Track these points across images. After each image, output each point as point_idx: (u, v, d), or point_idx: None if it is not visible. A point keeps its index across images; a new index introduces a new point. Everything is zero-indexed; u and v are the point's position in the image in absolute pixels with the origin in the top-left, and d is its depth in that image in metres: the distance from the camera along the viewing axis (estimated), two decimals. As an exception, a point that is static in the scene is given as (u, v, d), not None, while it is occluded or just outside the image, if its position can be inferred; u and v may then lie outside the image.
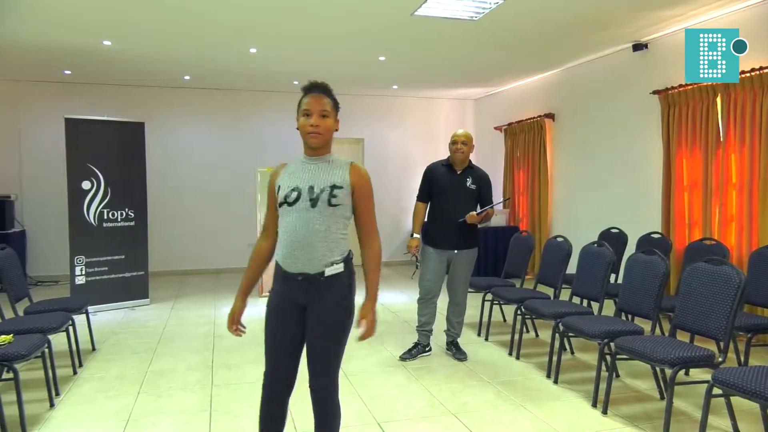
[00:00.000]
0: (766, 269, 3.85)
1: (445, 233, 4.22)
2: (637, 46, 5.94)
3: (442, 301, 4.46)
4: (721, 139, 5.00)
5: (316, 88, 2.20)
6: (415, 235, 4.29)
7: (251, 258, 2.34)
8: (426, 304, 4.34)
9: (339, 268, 2.22)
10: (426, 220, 4.37)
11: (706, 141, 5.13)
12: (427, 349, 4.42)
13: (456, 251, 4.24)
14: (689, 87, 5.24)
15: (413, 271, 4.73)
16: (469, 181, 4.25)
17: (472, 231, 4.27)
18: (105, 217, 6.09)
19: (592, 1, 4.71)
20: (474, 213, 4.13)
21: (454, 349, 4.41)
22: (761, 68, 4.48)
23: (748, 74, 4.61)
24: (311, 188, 2.15)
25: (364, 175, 2.22)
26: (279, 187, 2.19)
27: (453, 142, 4.24)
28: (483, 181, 4.31)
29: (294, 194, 2.15)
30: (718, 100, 5.01)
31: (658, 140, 5.70)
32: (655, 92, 5.68)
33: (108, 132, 6.19)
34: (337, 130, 2.24)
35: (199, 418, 3.27)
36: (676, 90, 5.42)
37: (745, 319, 3.66)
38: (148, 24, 5.30)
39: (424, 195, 4.37)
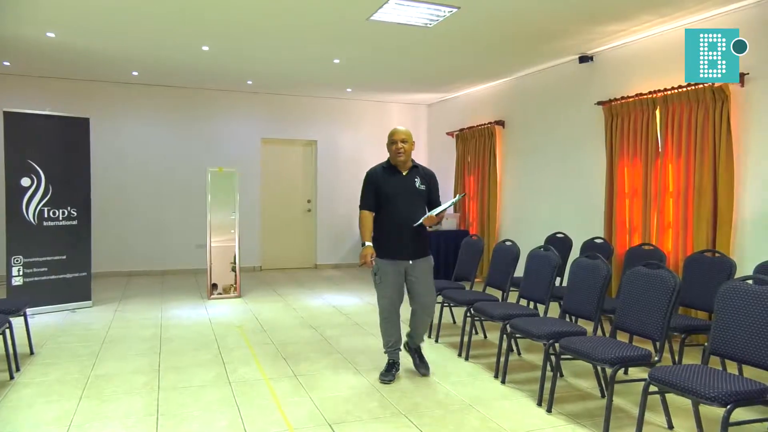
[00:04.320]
0: (699, 273, 4.08)
1: (399, 242, 3.84)
2: (583, 58, 6.18)
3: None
4: (660, 150, 5.26)
5: None
6: (367, 244, 3.84)
7: None
8: (391, 322, 3.96)
9: None
10: (375, 230, 3.90)
11: (646, 151, 5.39)
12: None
13: (411, 261, 3.87)
14: (631, 99, 5.49)
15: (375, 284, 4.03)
16: (417, 182, 3.90)
17: (425, 237, 3.97)
18: (45, 215, 5.85)
19: (541, 14, 4.88)
20: (432, 214, 3.80)
21: (418, 359, 4.10)
22: (696, 84, 4.74)
23: (684, 89, 4.88)
24: None
25: None
26: None
27: (392, 142, 3.85)
28: (431, 179, 4.00)
29: None
30: (657, 112, 5.27)
31: (602, 149, 5.94)
32: (599, 103, 5.92)
33: (50, 127, 5.95)
34: None
35: (145, 423, 3.19)
36: (618, 102, 5.66)
37: (680, 321, 3.86)
38: (95, 16, 5.13)
39: (369, 203, 3.90)
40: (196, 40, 5.89)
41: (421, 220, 3.81)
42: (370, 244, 3.85)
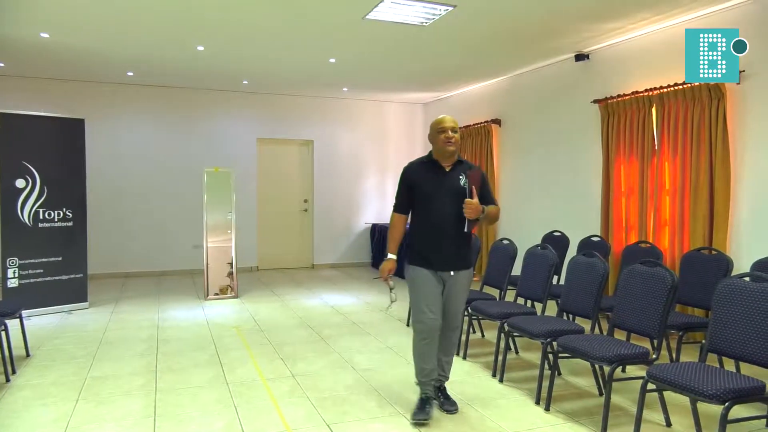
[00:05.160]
0: (696, 271, 4.08)
1: (441, 250, 3.26)
2: (579, 57, 6.18)
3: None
4: (656, 148, 5.27)
5: None
6: (390, 256, 3.35)
7: None
8: (431, 345, 3.29)
9: None
10: (411, 234, 3.39)
11: (642, 149, 5.39)
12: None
13: (453, 273, 3.29)
14: (627, 97, 5.49)
15: (388, 304, 3.93)
16: (462, 179, 3.28)
17: (469, 245, 3.38)
18: (41, 216, 5.83)
19: (537, 12, 4.87)
20: (469, 200, 3.18)
21: (442, 398, 3.43)
22: (692, 83, 4.74)
23: (681, 87, 4.88)
24: None
25: None
26: None
27: (440, 131, 3.28)
28: (479, 176, 3.33)
29: None
30: (653, 110, 5.27)
31: (599, 147, 5.94)
32: (595, 101, 5.92)
33: (45, 128, 5.92)
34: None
35: (143, 424, 3.18)
36: (614, 100, 5.66)
37: (677, 318, 3.87)
38: (90, 16, 5.11)
39: (404, 204, 3.38)
40: (191, 40, 5.87)
41: (467, 225, 3.22)
42: (394, 257, 3.36)
